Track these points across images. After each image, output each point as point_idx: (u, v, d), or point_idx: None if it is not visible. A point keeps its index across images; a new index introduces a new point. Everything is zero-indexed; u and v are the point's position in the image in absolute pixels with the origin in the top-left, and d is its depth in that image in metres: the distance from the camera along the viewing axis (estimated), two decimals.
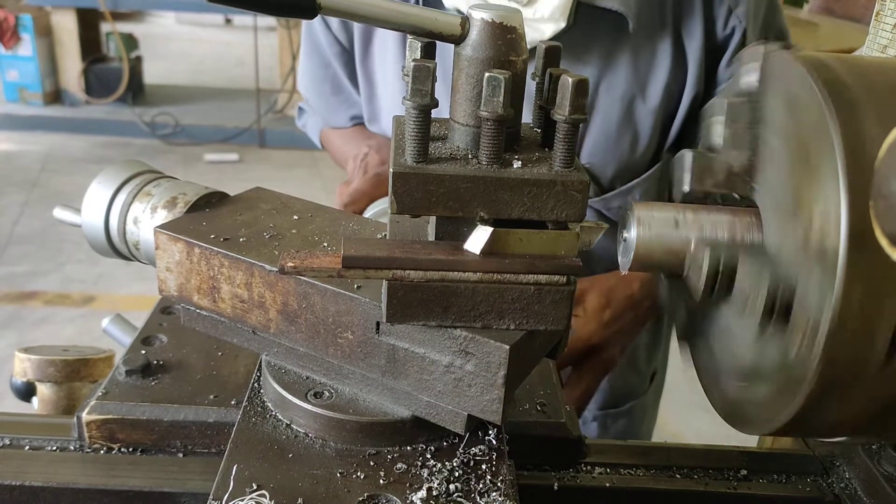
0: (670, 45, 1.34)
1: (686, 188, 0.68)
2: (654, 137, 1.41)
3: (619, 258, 0.70)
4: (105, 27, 7.77)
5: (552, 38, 1.26)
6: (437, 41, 0.65)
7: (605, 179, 1.42)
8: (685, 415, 1.77)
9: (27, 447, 0.87)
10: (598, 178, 1.41)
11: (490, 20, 0.62)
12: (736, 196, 0.67)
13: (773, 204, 0.61)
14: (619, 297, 1.36)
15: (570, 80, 0.60)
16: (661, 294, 0.72)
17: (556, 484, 0.87)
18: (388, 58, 1.46)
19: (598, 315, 1.33)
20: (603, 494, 0.88)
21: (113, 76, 7.44)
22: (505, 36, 0.62)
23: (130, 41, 7.69)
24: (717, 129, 0.67)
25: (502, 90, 0.58)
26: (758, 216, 0.64)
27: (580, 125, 0.61)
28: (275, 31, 7.90)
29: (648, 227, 0.66)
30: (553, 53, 0.67)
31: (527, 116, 0.70)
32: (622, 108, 1.37)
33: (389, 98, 1.50)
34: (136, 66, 7.67)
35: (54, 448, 0.87)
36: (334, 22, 1.54)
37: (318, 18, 1.55)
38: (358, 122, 1.66)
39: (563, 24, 1.28)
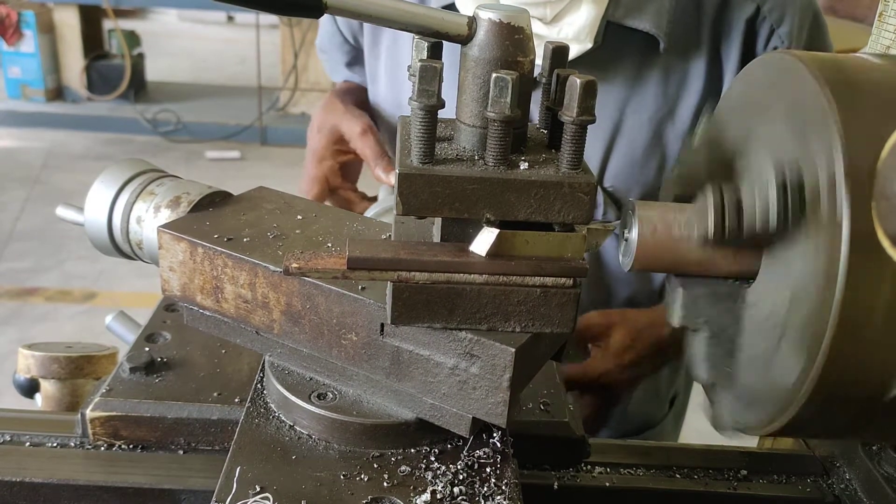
0: (704, 65, 1.29)
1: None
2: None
3: (621, 258, 0.69)
4: (107, 24, 7.76)
5: (575, 59, 1.20)
6: (443, 41, 0.64)
7: None
8: (685, 415, 1.76)
9: (28, 443, 0.87)
10: (620, 201, 1.35)
11: (497, 20, 0.61)
12: None
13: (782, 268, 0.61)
14: (645, 341, 1.28)
15: (577, 80, 0.59)
16: (672, 308, 0.71)
17: (556, 483, 0.87)
18: (403, 53, 1.42)
19: (619, 356, 1.26)
20: (603, 494, 0.88)
21: (115, 73, 7.43)
22: (512, 36, 0.61)
23: (132, 38, 7.67)
24: (751, 197, 0.65)
25: (510, 91, 0.58)
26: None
27: (587, 126, 0.61)
28: (277, 28, 7.88)
29: (650, 226, 0.65)
30: (560, 54, 0.67)
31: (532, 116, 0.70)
32: (650, 131, 1.31)
33: (394, 91, 1.47)
34: (138, 63, 7.66)
35: (55, 444, 0.87)
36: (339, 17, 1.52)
37: None
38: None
39: (588, 45, 1.22)
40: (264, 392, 0.79)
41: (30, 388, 1.13)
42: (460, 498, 0.66)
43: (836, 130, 0.53)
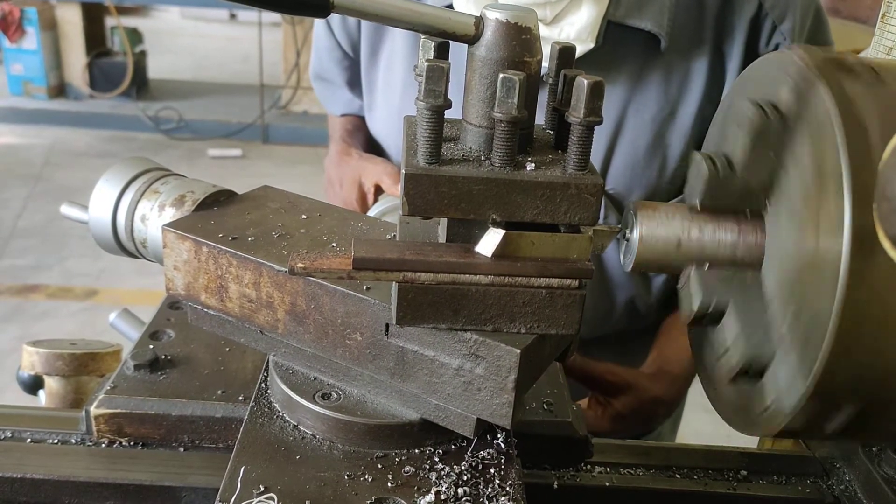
0: (707, 64, 1.28)
1: (697, 202, 0.66)
2: (685, 161, 1.31)
3: (622, 258, 0.69)
4: (109, 21, 7.77)
5: (576, 59, 1.20)
6: (450, 41, 0.64)
7: None
8: (685, 415, 1.76)
9: (29, 440, 0.87)
10: (621, 203, 1.34)
11: (504, 20, 0.61)
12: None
13: (785, 213, 0.61)
14: (645, 412, 1.28)
15: (585, 81, 0.59)
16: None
17: (556, 483, 0.87)
18: (396, 69, 1.41)
19: (615, 420, 1.26)
20: (603, 494, 0.88)
21: (117, 70, 7.44)
22: (519, 36, 0.61)
23: (135, 35, 7.68)
24: (736, 138, 0.66)
25: (517, 91, 0.58)
26: (762, 228, 0.63)
27: (594, 128, 0.61)
28: (279, 26, 7.88)
29: (651, 227, 0.65)
30: (567, 54, 0.67)
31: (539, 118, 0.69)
32: (652, 131, 1.30)
33: (394, 108, 1.46)
34: (140, 60, 7.67)
35: (56, 441, 0.87)
36: (337, 28, 1.49)
37: (321, 21, 1.54)
38: (349, 113, 1.65)
39: (590, 45, 1.22)
40: (268, 392, 0.79)
41: (33, 385, 1.13)
42: (464, 499, 0.66)
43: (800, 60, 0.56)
